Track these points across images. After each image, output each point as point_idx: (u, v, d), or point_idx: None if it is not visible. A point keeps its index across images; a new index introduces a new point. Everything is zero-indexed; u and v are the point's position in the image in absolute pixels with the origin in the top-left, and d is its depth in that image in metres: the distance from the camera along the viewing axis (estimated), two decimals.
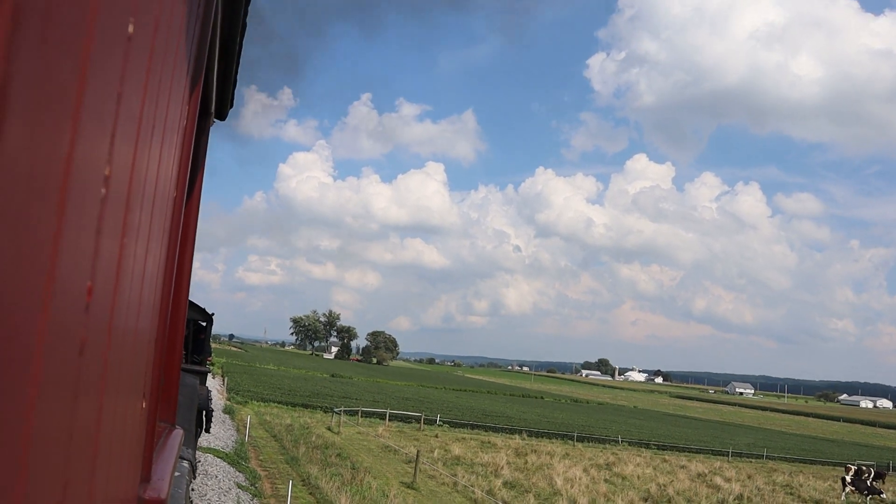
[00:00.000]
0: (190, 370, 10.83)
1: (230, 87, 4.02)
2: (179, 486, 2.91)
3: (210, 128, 3.93)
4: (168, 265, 2.38)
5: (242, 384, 40.50)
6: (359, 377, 79.84)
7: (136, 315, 1.62)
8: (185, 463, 3.43)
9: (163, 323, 2.40)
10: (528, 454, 25.72)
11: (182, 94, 2.18)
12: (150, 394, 2.14)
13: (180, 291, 3.23)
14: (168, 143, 1.92)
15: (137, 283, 1.57)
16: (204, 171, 3.71)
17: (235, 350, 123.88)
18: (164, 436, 2.84)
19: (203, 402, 12.09)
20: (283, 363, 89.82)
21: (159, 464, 2.37)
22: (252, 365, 73.29)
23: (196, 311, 14.99)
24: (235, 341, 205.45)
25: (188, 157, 2.65)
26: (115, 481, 1.54)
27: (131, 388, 1.68)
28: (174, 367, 3.15)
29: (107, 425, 1.31)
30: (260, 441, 20.85)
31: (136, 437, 1.88)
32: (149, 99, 1.38)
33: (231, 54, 3.59)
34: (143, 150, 1.39)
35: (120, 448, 1.55)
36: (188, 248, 3.46)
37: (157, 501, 2.03)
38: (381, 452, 22.18)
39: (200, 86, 2.81)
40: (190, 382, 7.10)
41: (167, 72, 1.68)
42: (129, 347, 1.55)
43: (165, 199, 2.04)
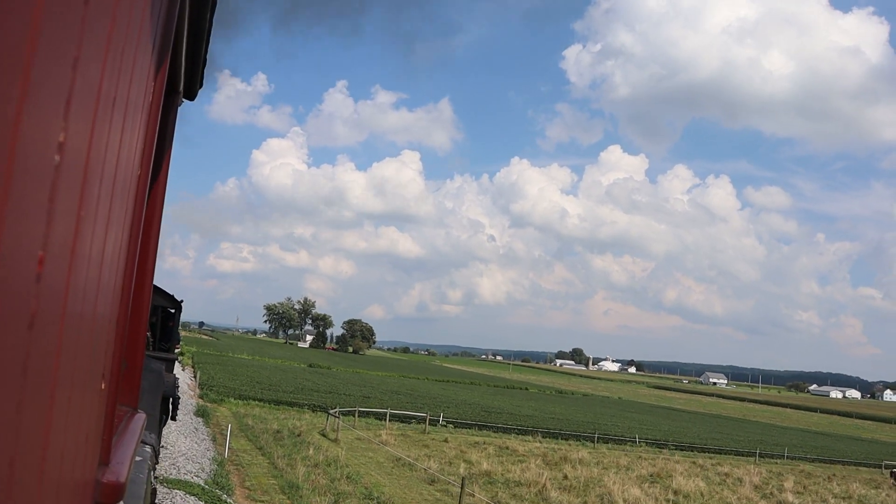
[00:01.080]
0: (156, 357, 10.66)
1: (199, 67, 3.93)
2: (140, 470, 2.85)
3: (178, 107, 3.84)
4: (131, 246, 2.33)
5: (216, 378, 37.01)
6: (338, 367, 76.83)
7: (94, 294, 1.58)
8: (147, 448, 3.37)
9: (125, 305, 2.34)
10: (560, 463, 23.17)
11: (147, 69, 2.12)
12: (109, 376, 2.09)
13: (144, 274, 3.16)
14: (131, 118, 1.86)
15: (97, 259, 1.53)
16: (171, 150, 3.63)
17: (207, 338, 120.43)
18: (125, 420, 2.78)
19: (169, 390, 11.91)
20: (258, 352, 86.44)
21: (119, 448, 2.33)
22: (225, 354, 69.24)
23: (164, 298, 14.74)
24: (206, 329, 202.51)
25: (153, 136, 2.58)
26: (71, 463, 1.50)
27: (89, 368, 1.64)
28: (137, 351, 3.08)
29: (61, 404, 1.27)
30: (244, 456, 17.19)
31: (95, 419, 1.84)
32: (109, 68, 1.34)
33: (200, 32, 3.51)
34: (102, 121, 1.35)
35: (76, 429, 1.51)
36: (153, 230, 3.39)
37: (116, 485, 1.99)
38: (393, 468, 18.94)
39: (167, 63, 2.74)
40: (155, 368, 6.98)
41: (131, 43, 1.63)
42: (86, 327, 1.50)
43: (128, 177, 1.99)
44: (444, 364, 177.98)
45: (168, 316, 15.01)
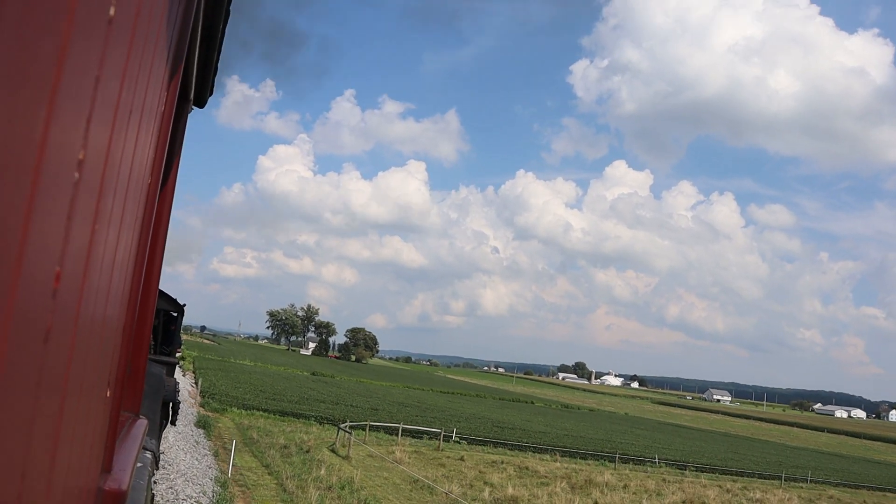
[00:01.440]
0: (158, 360, 10.67)
1: (210, 75, 3.97)
2: (141, 477, 2.86)
3: (188, 114, 3.87)
4: (139, 253, 2.34)
5: (218, 385, 35.52)
6: (341, 376, 74.62)
7: (104, 302, 1.59)
8: (147, 454, 3.37)
9: (131, 311, 2.35)
10: (587, 487, 21.80)
11: (161, 80, 2.15)
12: (115, 382, 2.10)
13: (150, 280, 3.18)
14: (145, 129, 1.88)
15: (107, 270, 1.54)
16: (180, 158, 3.66)
17: (208, 343, 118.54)
18: (127, 426, 2.78)
19: (170, 394, 11.91)
20: (260, 358, 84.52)
21: (121, 454, 2.33)
22: (227, 360, 67.52)
23: (167, 302, 14.76)
24: (207, 333, 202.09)
25: (164, 144, 2.61)
26: (76, 471, 1.51)
27: (97, 376, 1.65)
28: (141, 356, 3.09)
29: (69, 414, 1.28)
30: (249, 476, 15.87)
31: (99, 427, 1.84)
32: (127, 83, 1.36)
33: (213, 41, 3.54)
34: (119, 134, 1.36)
35: (82, 438, 1.52)
36: (160, 235, 3.41)
37: (118, 493, 1.99)
38: (412, 491, 17.59)
39: (180, 72, 2.77)
40: (156, 372, 6.98)
41: (147, 56, 1.65)
42: (95, 335, 1.51)
43: (140, 185, 2.01)
44: (448, 375, 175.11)
45: (170, 320, 15.02)
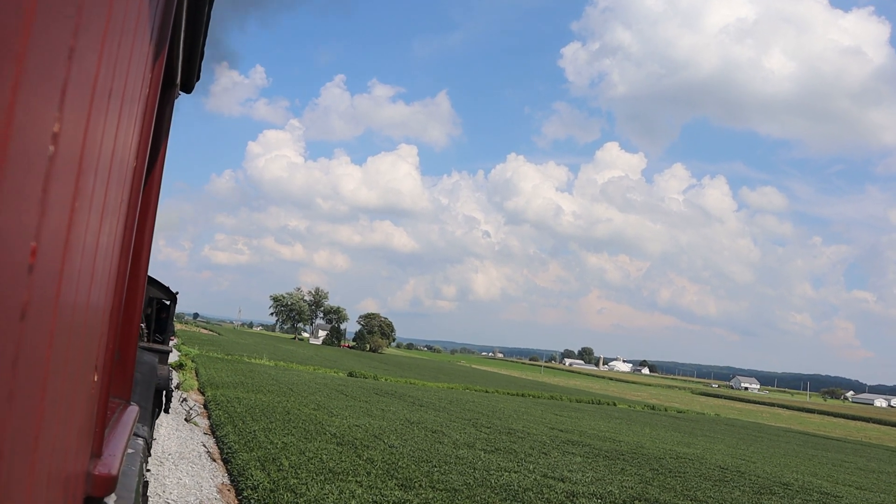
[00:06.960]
0: (150, 349, 10.63)
1: (197, 59, 3.91)
2: (133, 463, 2.85)
3: (175, 100, 3.82)
4: (126, 236, 2.31)
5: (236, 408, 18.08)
6: (385, 377, 52.70)
7: (87, 285, 1.57)
8: (139, 440, 3.37)
9: (118, 296, 2.33)
10: None
11: (144, 60, 2.11)
12: (102, 367, 2.08)
13: (138, 266, 3.15)
14: (128, 110, 1.85)
15: (90, 251, 1.52)
16: (167, 143, 3.61)
17: (206, 332, 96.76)
18: (117, 412, 2.77)
19: (163, 382, 11.89)
20: (277, 354, 61.52)
21: (111, 440, 2.32)
22: (236, 358, 47.23)
23: (159, 290, 14.67)
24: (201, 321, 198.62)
25: (150, 127, 2.57)
26: (63, 454, 1.50)
27: (81, 359, 1.63)
28: (131, 342, 3.07)
29: (52, 395, 1.26)
30: None
31: (87, 411, 1.83)
32: (105, 59, 1.33)
33: (198, 25, 3.49)
34: (98, 111, 1.34)
35: (68, 420, 1.51)
36: (149, 221, 3.37)
37: (108, 477, 1.98)
38: None
39: (165, 54, 2.72)
40: (148, 360, 6.96)
41: (128, 34, 1.62)
42: (78, 318, 1.49)
43: (124, 166, 1.98)
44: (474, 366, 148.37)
45: (163, 308, 14.95)
